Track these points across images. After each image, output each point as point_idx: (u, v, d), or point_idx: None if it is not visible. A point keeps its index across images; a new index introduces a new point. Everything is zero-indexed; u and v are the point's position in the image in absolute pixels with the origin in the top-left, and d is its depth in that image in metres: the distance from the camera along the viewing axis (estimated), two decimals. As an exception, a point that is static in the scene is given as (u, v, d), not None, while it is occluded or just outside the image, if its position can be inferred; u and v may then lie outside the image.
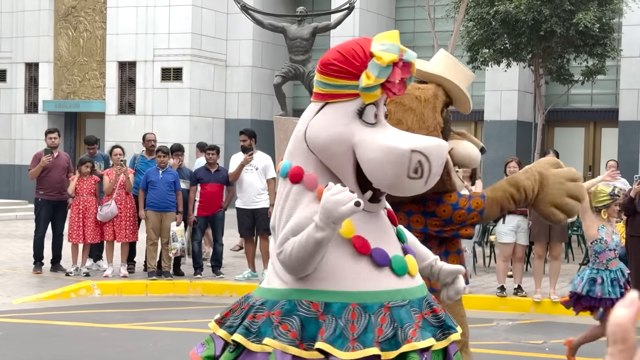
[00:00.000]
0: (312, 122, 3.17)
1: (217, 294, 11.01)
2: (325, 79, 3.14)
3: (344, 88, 3.12)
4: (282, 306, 3.08)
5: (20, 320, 8.88)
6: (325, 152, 3.14)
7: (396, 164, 3.04)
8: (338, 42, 19.72)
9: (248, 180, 11.13)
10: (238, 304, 3.23)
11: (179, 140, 18.38)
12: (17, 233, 16.71)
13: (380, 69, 3.07)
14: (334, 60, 3.11)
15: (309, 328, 3.03)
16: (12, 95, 24.64)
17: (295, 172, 3.13)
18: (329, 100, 3.16)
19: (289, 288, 3.11)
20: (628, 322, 0.81)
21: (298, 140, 3.21)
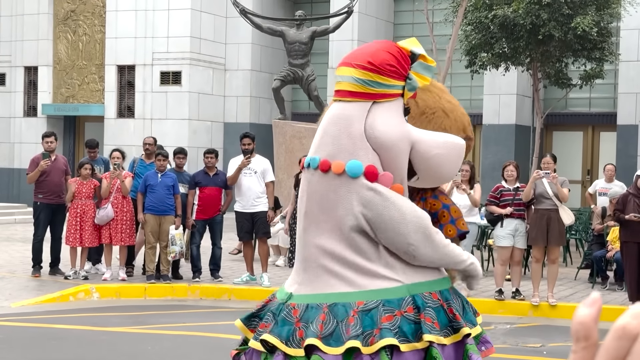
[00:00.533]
0: (371, 120, 3.19)
1: (215, 298, 11.01)
2: (379, 78, 3.18)
3: (393, 88, 3.21)
4: (410, 302, 3.16)
5: (18, 323, 8.89)
6: (392, 150, 3.19)
7: (459, 157, 3.32)
8: (337, 46, 19.88)
9: (247, 184, 11.14)
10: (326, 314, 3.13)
11: (178, 144, 18.39)
12: (16, 236, 16.72)
13: (429, 70, 3.26)
14: (391, 61, 3.18)
15: (440, 317, 3.20)
16: (11, 98, 24.65)
17: (373, 171, 3.16)
18: (378, 99, 3.21)
19: (406, 284, 3.19)
20: (590, 321, 0.85)
21: (355, 139, 3.19)
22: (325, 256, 3.19)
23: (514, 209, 10.52)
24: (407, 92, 3.27)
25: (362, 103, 3.21)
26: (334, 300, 3.15)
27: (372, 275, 3.17)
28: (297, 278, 3.32)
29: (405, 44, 3.26)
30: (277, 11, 22.82)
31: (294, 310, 3.20)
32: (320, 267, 3.21)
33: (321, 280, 3.20)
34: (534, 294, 10.36)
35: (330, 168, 3.19)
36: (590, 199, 13.74)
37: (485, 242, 13.23)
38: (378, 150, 3.18)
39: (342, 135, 3.20)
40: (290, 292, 3.29)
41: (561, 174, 11.27)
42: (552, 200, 10.28)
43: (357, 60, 3.22)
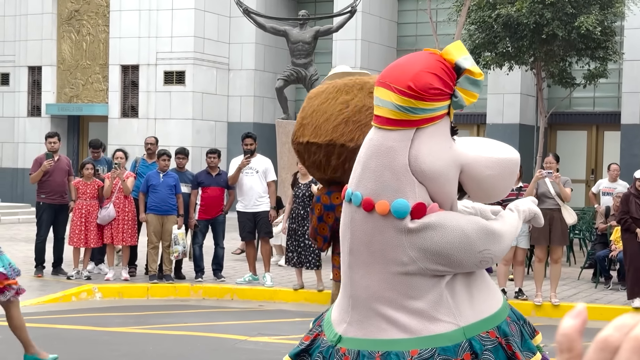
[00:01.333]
0: (415, 152, 2.95)
1: (218, 298, 11.01)
2: (421, 104, 2.91)
3: (438, 110, 2.97)
4: (467, 348, 2.96)
5: (21, 323, 8.87)
6: (440, 180, 2.97)
7: (513, 173, 3.17)
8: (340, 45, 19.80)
9: (248, 184, 11.13)
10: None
11: (182, 143, 18.39)
12: (20, 236, 16.73)
13: (477, 85, 3.00)
14: (434, 84, 2.92)
15: (499, 358, 3.01)
16: (15, 98, 24.69)
17: (421, 209, 2.95)
18: (421, 125, 2.96)
19: (461, 327, 2.98)
20: (574, 332, 0.84)
21: (399, 175, 2.96)
22: (376, 299, 3.01)
23: (516, 209, 10.49)
24: (453, 109, 3.03)
25: (404, 131, 2.95)
26: (387, 349, 2.95)
27: (425, 319, 2.97)
28: (345, 316, 3.12)
29: (450, 52, 2.98)
30: (281, 11, 22.81)
31: (345, 357, 3.03)
32: (371, 310, 3.02)
33: (372, 324, 3.02)
34: (537, 294, 10.34)
35: (374, 208, 2.97)
36: (593, 198, 13.71)
37: (488, 242, 13.19)
38: (424, 182, 2.97)
39: (384, 171, 2.97)
40: (339, 334, 3.09)
41: (565, 173, 11.24)
42: (555, 199, 10.26)
43: (396, 83, 2.93)
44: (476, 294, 3.09)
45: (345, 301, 3.14)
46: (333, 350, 3.08)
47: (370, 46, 22.26)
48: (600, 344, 0.82)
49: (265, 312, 10.15)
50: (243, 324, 9.08)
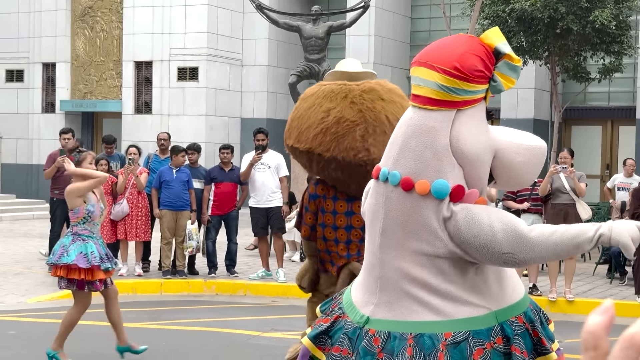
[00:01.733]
0: (457, 132, 2.95)
1: (231, 293, 11.01)
2: (466, 85, 2.93)
3: (478, 93, 2.99)
4: (499, 332, 2.96)
5: (34, 319, 8.92)
6: (477, 163, 2.98)
7: (541, 162, 3.16)
8: (354, 41, 19.73)
9: (261, 179, 11.13)
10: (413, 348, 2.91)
11: (195, 139, 18.39)
12: (34, 232, 16.79)
13: (515, 70, 3.02)
14: (477, 65, 2.94)
15: (526, 343, 3.01)
16: (30, 95, 24.78)
17: (460, 192, 2.95)
18: (462, 107, 2.97)
19: (493, 311, 2.98)
20: (600, 330, 0.81)
21: (441, 155, 2.95)
22: (408, 280, 2.97)
23: (531, 204, 10.45)
24: (491, 93, 3.05)
25: (445, 112, 2.96)
26: (419, 330, 2.93)
27: (458, 302, 2.96)
28: (372, 298, 3.08)
29: (490, 37, 2.99)
30: (294, 6, 22.78)
31: (375, 339, 2.98)
32: (402, 291, 2.99)
33: (403, 306, 2.99)
34: (552, 289, 10.29)
35: (413, 187, 2.95)
36: (608, 193, 13.62)
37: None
38: (462, 164, 2.96)
39: (425, 151, 2.95)
40: (367, 315, 3.05)
41: (580, 168, 11.18)
42: (570, 195, 10.20)
43: (440, 63, 2.93)
44: (504, 280, 3.09)
45: (372, 282, 3.10)
46: (361, 332, 3.03)
47: (383, 41, 22.21)
48: (627, 341, 0.79)
49: (279, 307, 10.13)
50: (256, 320, 9.06)
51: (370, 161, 4.54)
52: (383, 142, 4.56)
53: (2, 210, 20.42)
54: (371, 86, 4.70)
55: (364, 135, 4.60)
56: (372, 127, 4.60)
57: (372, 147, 4.58)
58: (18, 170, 24.63)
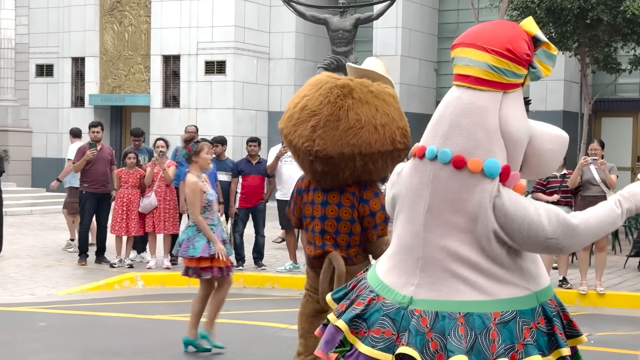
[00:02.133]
0: (505, 114, 2.99)
1: (258, 286, 11.02)
2: (516, 68, 2.99)
3: (522, 77, 3.05)
4: (541, 313, 3.01)
5: (64, 311, 8.99)
6: (518, 146, 3.03)
7: (564, 151, 3.20)
8: (381, 33, 19.68)
9: (287, 172, 11.12)
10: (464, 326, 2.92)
11: (223, 133, 18.42)
12: (63, 225, 16.89)
13: (552, 59, 3.08)
14: (527, 49, 2.99)
15: (560, 326, 3.06)
16: (60, 89, 24.97)
17: (507, 172, 2.99)
18: (508, 89, 3.02)
19: (535, 292, 3.03)
20: None
21: (492, 134, 2.98)
22: (454, 260, 2.97)
23: (560, 196, 10.35)
24: (530, 80, 3.11)
25: (495, 93, 2.98)
26: (467, 310, 2.93)
27: (502, 282, 2.98)
28: (411, 279, 3.05)
29: (528, 25, 3.04)
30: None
31: (422, 319, 2.95)
32: (447, 271, 2.98)
33: (447, 285, 2.98)
34: (582, 282, 10.19)
35: (465, 165, 2.96)
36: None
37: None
38: (507, 146, 3.00)
39: (477, 129, 2.97)
40: (409, 295, 3.03)
41: (610, 160, 11.05)
42: (600, 186, 10.09)
43: (492, 45, 2.97)
44: (538, 262, 3.13)
45: (411, 263, 3.07)
46: (406, 312, 2.99)
47: (411, 34, 22.10)
48: None
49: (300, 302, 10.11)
50: (284, 312, 9.06)
51: (314, 152, 4.63)
52: (332, 137, 4.59)
53: (33, 203, 20.62)
54: (346, 82, 4.73)
55: (315, 125, 4.65)
56: (325, 120, 4.63)
57: (319, 139, 4.64)
58: (48, 164, 24.84)
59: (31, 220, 18.22)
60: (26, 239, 14.18)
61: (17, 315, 8.63)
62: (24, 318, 8.51)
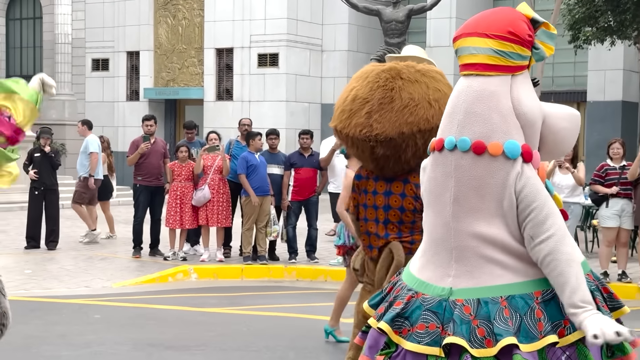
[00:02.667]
0: (516, 96, 3.01)
1: (311, 279, 10.99)
2: (520, 49, 3.02)
3: (526, 59, 3.06)
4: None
5: (118, 303, 9.05)
6: (534, 126, 3.05)
7: (577, 128, 3.17)
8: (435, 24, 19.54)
9: (340, 165, 11.06)
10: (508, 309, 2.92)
11: (276, 125, 18.42)
12: (119, 218, 17.09)
13: (553, 38, 3.10)
14: (527, 30, 3.02)
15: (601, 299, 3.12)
16: (115, 83, 25.26)
17: (529, 151, 2.99)
18: (516, 72, 3.04)
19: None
20: None
21: (507, 117, 2.99)
22: (487, 245, 2.97)
23: (620, 189, 10.11)
24: (535, 61, 3.12)
25: (503, 77, 3.01)
26: (509, 293, 2.93)
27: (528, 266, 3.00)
28: (448, 271, 3.04)
29: (524, 9, 3.08)
30: (374, -10, 22.59)
31: (465, 307, 2.95)
32: (481, 257, 2.97)
33: (484, 272, 2.97)
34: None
35: (486, 150, 2.96)
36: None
37: (589, 223, 12.79)
38: (524, 127, 3.02)
39: (492, 114, 2.98)
40: (448, 287, 3.02)
41: (671, 151, 10.77)
42: (661, 178, 9.82)
43: (491, 30, 3.00)
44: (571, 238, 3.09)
45: (445, 255, 3.07)
46: (447, 304, 2.98)
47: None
48: None
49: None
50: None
51: (374, 137, 4.65)
52: (389, 119, 4.60)
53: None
54: (391, 66, 4.79)
55: (369, 111, 4.68)
56: (379, 104, 4.66)
57: (376, 123, 4.67)
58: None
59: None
60: (82, 232, 14.33)
61: (72, 307, 8.72)
62: (79, 310, 8.59)
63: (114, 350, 6.95)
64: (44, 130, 12.86)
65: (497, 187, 2.95)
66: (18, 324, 7.75)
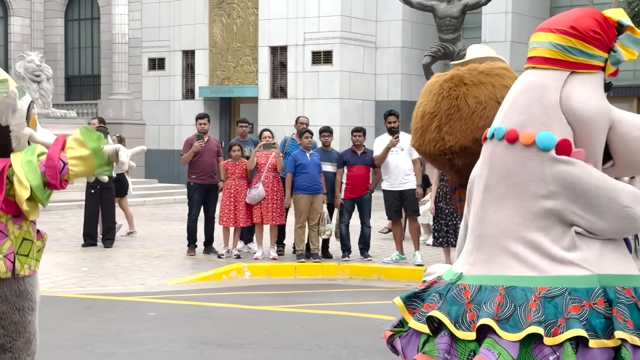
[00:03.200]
0: (568, 92, 2.91)
1: (365, 277, 10.96)
2: (581, 45, 2.91)
3: (595, 59, 2.94)
4: (600, 294, 2.82)
5: (173, 301, 9.13)
6: (590, 126, 2.89)
7: None
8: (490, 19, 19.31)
9: (394, 162, 11.00)
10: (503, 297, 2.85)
11: (330, 123, 18.42)
12: (175, 216, 17.29)
13: (638, 43, 2.96)
14: (594, 27, 2.91)
15: (633, 317, 2.82)
16: (171, 82, 25.52)
17: (566, 145, 2.87)
18: (577, 69, 2.93)
19: (596, 274, 2.85)
20: None
21: (549, 109, 2.91)
22: (506, 235, 2.91)
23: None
24: (610, 66, 2.97)
25: (559, 71, 2.92)
26: (512, 283, 2.86)
27: (558, 261, 2.85)
28: (468, 259, 3.04)
29: (611, 13, 2.97)
30: (428, -14, 22.42)
31: (465, 291, 2.93)
32: (499, 247, 2.92)
33: (498, 262, 2.92)
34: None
35: (517, 138, 2.91)
36: None
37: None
38: (573, 125, 2.88)
39: (533, 105, 2.92)
40: (461, 272, 3.03)
41: None
42: None
43: (557, 25, 2.95)
44: (612, 253, 2.91)
45: (470, 243, 3.07)
46: (452, 286, 2.98)
47: (521, 19, 21.53)
48: None
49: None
50: (389, 304, 8.95)
51: (448, 149, 4.57)
52: (460, 128, 4.50)
53: (146, 194, 21.15)
54: (453, 74, 4.70)
55: (439, 125, 4.60)
56: (447, 115, 4.57)
57: (447, 135, 4.59)
58: (160, 156, 25.45)
59: (144, 210, 18.68)
60: (138, 230, 14.52)
61: (127, 305, 8.82)
62: (134, 307, 8.69)
63: (168, 348, 7.01)
64: (100, 129, 13.04)
65: (525, 177, 2.88)
66: (74, 321, 7.89)
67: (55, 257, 11.63)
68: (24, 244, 3.76)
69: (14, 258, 3.71)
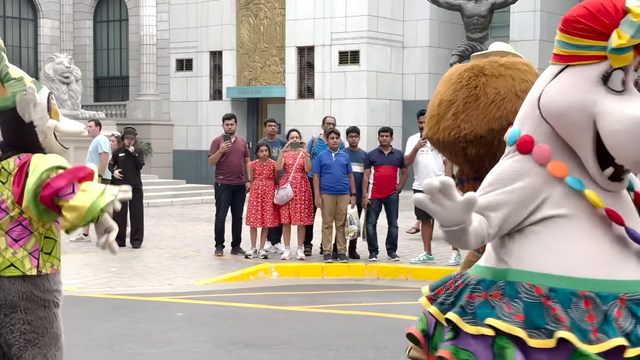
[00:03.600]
0: (548, 86, 2.90)
1: (392, 277, 10.92)
2: (567, 38, 2.85)
3: (588, 49, 2.81)
4: (500, 288, 2.88)
5: (201, 301, 9.15)
6: (561, 121, 2.85)
7: (635, 133, 2.70)
8: (518, 18, 19.20)
9: (423, 162, 10.97)
10: (452, 280, 3.06)
11: (357, 123, 18.40)
12: (202, 216, 17.35)
13: (637, 28, 2.73)
14: (579, 17, 2.81)
15: (531, 314, 2.80)
16: (198, 83, 25.62)
17: (525, 141, 2.90)
18: (570, 62, 2.87)
19: (509, 268, 2.90)
20: None
21: (531, 107, 2.96)
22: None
23: None
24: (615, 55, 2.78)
25: (556, 66, 2.92)
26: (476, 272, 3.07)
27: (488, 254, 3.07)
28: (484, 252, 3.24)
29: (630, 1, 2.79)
30: (455, -15, 22.32)
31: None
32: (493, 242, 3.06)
33: (488, 253, 3.05)
34: None
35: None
36: None
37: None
38: (548, 120, 2.88)
39: (526, 101, 3.01)
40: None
41: None
42: None
43: None
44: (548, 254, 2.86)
45: None
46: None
47: (550, 17, 21.36)
48: None
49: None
50: (417, 305, 8.89)
51: (462, 137, 4.51)
52: (477, 117, 4.44)
53: (174, 195, 21.25)
54: (474, 64, 4.65)
55: (455, 113, 4.54)
56: (465, 103, 4.51)
57: (463, 123, 4.52)
58: (188, 156, 25.55)
59: (172, 211, 18.77)
60: (166, 230, 14.59)
61: (155, 305, 8.86)
62: (162, 308, 8.72)
63: (196, 348, 7.02)
64: (127, 130, 13.11)
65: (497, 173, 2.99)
66: (103, 321, 7.93)
67: (84, 258, 11.72)
68: (46, 242, 3.79)
69: (39, 255, 3.76)
